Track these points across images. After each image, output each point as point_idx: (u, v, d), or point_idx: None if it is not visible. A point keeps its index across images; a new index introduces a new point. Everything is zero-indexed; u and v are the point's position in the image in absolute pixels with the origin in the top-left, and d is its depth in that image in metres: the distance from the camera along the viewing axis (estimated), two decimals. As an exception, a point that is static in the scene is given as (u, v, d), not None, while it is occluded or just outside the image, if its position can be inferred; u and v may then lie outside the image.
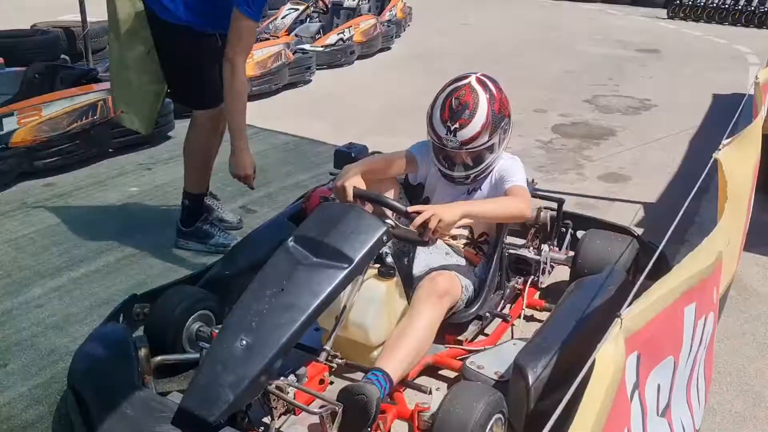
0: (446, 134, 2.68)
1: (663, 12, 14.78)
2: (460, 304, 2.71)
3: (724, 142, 2.27)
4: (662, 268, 2.04)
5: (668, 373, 1.51)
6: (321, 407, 2.10)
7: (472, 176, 2.83)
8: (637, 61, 9.80)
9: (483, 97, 2.70)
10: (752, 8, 13.56)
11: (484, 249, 2.99)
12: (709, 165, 2.23)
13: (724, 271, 2.41)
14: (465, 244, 2.96)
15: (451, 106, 2.69)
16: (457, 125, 2.66)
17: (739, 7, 13.73)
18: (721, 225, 2.02)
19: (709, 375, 1.95)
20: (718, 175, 2.28)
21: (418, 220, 2.41)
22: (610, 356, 1.20)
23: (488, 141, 2.71)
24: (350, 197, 2.58)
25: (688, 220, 3.80)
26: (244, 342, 2.02)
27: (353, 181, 2.64)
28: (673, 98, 7.62)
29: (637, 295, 1.42)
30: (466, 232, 2.96)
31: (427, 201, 2.99)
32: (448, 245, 2.91)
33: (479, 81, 2.76)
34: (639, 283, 1.52)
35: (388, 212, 2.63)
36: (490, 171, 2.85)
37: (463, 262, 2.88)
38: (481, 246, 2.99)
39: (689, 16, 14.16)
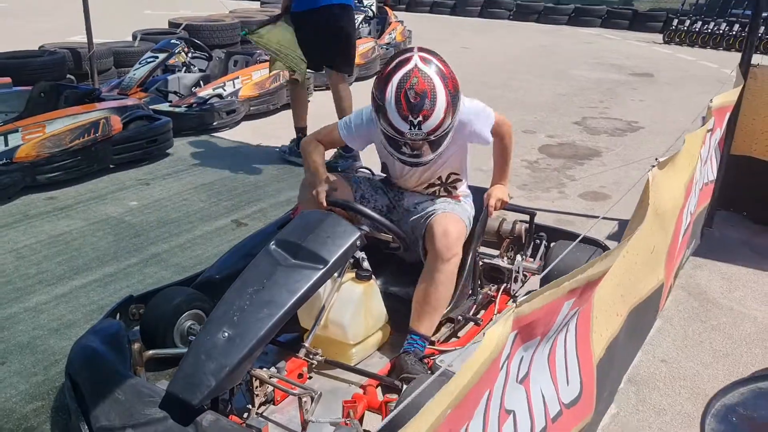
0: (410, 129, 2.56)
1: (659, 37, 14.94)
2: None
3: (660, 160, 2.44)
4: None
5: (531, 349, 1.69)
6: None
7: (437, 153, 2.75)
8: (629, 84, 9.94)
9: (437, 80, 2.55)
10: (746, 34, 13.76)
11: (458, 187, 3.11)
12: (648, 173, 2.40)
13: (651, 276, 2.58)
14: (438, 188, 3.09)
15: (407, 99, 2.52)
16: (420, 117, 2.53)
17: (733, 33, 13.91)
18: (633, 238, 2.18)
19: (585, 361, 2.10)
20: (642, 192, 2.36)
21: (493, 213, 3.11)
22: (497, 333, 1.38)
23: (451, 122, 2.63)
24: (323, 204, 2.79)
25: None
26: (226, 334, 2.20)
27: (324, 187, 2.84)
28: (661, 121, 7.77)
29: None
30: (436, 179, 3.07)
31: (384, 167, 3.15)
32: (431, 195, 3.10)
33: (423, 60, 2.60)
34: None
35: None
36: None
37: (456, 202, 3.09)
38: (454, 186, 3.11)
39: (684, 41, 14.32)
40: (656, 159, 2.49)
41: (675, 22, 14.51)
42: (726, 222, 4.66)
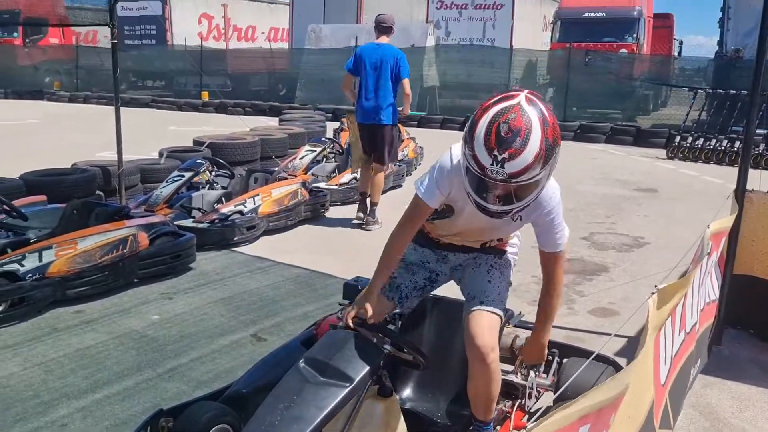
0: (492, 165, 2.34)
1: (663, 152, 15.14)
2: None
3: (659, 286, 2.60)
4: None
5: None
6: None
7: (513, 211, 2.55)
8: (634, 200, 10.14)
9: (536, 122, 2.33)
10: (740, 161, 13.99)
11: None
12: (649, 300, 2.55)
13: (642, 395, 2.67)
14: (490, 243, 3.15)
15: (498, 132, 2.32)
16: (506, 155, 2.31)
17: (735, 149, 14.15)
18: (637, 361, 2.30)
19: None
20: (647, 316, 2.47)
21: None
22: None
23: (539, 174, 2.39)
24: (350, 326, 2.90)
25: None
26: (259, 449, 2.33)
27: (355, 312, 2.93)
28: (666, 236, 7.93)
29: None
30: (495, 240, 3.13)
31: (450, 210, 2.96)
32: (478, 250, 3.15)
33: (529, 101, 2.38)
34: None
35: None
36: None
37: (498, 259, 3.19)
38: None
39: (688, 156, 14.50)
40: (656, 286, 2.64)
41: (678, 138, 14.80)
42: (734, 340, 4.77)
